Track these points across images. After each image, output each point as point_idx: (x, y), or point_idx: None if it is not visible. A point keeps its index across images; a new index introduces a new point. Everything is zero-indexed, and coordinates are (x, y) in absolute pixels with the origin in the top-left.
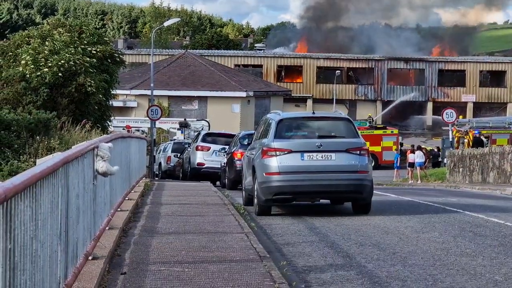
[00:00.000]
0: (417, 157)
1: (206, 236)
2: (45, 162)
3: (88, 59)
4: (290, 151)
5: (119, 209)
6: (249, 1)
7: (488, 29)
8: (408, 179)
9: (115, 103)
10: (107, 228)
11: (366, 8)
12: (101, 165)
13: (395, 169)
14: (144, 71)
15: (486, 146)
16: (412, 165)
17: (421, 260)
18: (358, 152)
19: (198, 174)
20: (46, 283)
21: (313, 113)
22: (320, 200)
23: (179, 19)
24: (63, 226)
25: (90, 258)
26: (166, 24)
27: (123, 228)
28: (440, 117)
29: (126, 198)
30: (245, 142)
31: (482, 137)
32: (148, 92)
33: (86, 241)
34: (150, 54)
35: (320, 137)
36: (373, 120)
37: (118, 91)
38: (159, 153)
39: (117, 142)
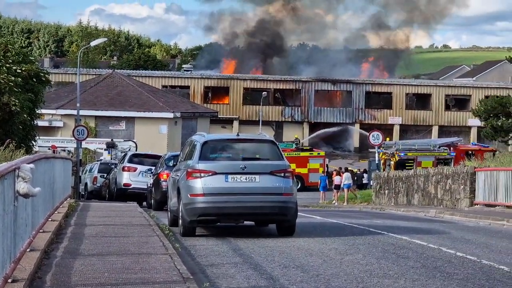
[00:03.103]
0: (345, 179)
1: (130, 257)
2: None
3: (13, 78)
4: (215, 173)
5: (41, 231)
6: (177, 21)
7: (414, 53)
8: (334, 201)
9: (41, 123)
10: (28, 250)
11: (295, 29)
12: (22, 187)
13: (321, 191)
14: (70, 91)
15: (408, 168)
16: (338, 187)
17: (344, 282)
18: (282, 174)
19: (124, 194)
20: None
21: (238, 135)
22: (245, 222)
23: (106, 39)
24: None
25: (9, 281)
26: (93, 43)
27: (45, 250)
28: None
29: (49, 219)
30: (171, 163)
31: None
32: (75, 112)
33: (6, 263)
34: (76, 74)
35: (244, 159)
36: (299, 142)
37: (44, 111)
38: (85, 173)
39: (40, 163)
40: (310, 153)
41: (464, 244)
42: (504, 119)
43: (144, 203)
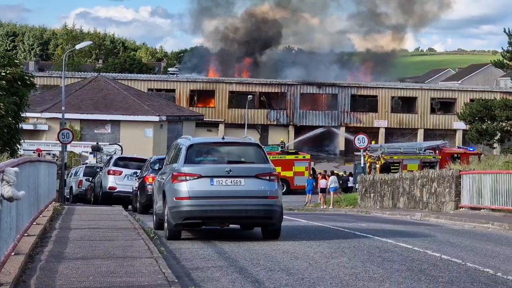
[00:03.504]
0: (331, 182)
1: (115, 261)
2: None
3: None
4: (200, 176)
5: (26, 234)
6: (163, 25)
7: (399, 56)
8: (319, 204)
9: (25, 126)
10: (12, 253)
11: (281, 32)
12: (6, 190)
13: (308, 194)
14: (55, 94)
15: (394, 171)
16: (323, 190)
17: (329, 286)
18: (267, 177)
19: (110, 198)
20: None
21: (223, 138)
22: (230, 225)
23: (91, 42)
24: None
25: None
26: (78, 46)
27: (29, 253)
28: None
29: (34, 223)
30: (156, 167)
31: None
32: (60, 115)
33: None
34: (61, 77)
35: (229, 162)
36: (285, 145)
37: (29, 114)
38: (70, 177)
39: (24, 167)
40: (295, 156)
41: (449, 247)
42: (489, 122)
43: (130, 207)
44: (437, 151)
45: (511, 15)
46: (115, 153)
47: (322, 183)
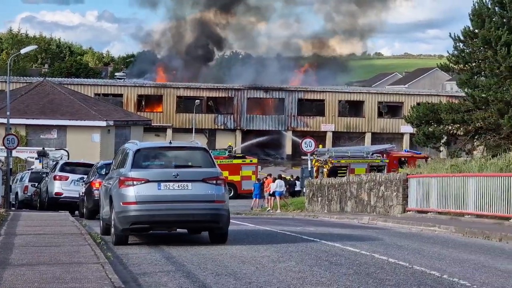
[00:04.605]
0: (277, 187)
1: (61, 267)
2: None
3: None
4: (147, 181)
5: None
6: (110, 29)
7: (346, 60)
8: (267, 208)
9: None
10: None
11: (228, 37)
12: None
13: (254, 199)
14: (0, 99)
15: (341, 175)
16: (272, 194)
17: None
18: (214, 182)
19: (56, 204)
20: None
21: (170, 143)
22: (178, 229)
23: (36, 46)
24: None
25: None
26: (23, 51)
27: None
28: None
29: None
30: (103, 172)
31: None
32: (5, 121)
33: None
34: (6, 82)
35: (177, 166)
36: (232, 150)
37: None
38: (16, 182)
39: None
40: (242, 161)
41: (397, 250)
42: (435, 125)
43: (76, 212)
44: (384, 155)
45: (456, 19)
46: (61, 158)
47: (271, 186)
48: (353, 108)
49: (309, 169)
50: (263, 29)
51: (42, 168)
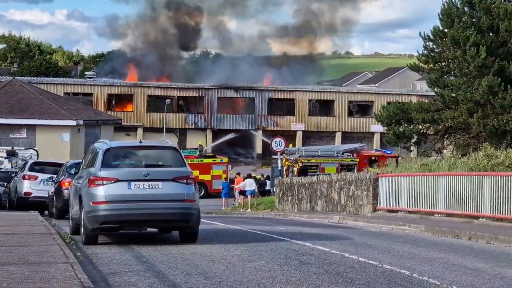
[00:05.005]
0: (248, 185)
1: (29, 267)
2: None
3: None
4: (117, 180)
5: None
6: (79, 28)
7: (317, 59)
8: (237, 208)
9: None
10: None
11: (198, 37)
12: None
13: (223, 198)
14: None
15: (311, 174)
16: (243, 193)
17: None
18: (185, 181)
19: (25, 203)
20: None
21: (140, 142)
22: (148, 229)
23: (5, 45)
24: None
25: None
26: None
27: None
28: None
29: None
30: (73, 171)
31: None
32: None
33: None
34: None
35: (147, 166)
36: (203, 149)
37: None
38: None
39: None
40: (213, 160)
41: (367, 249)
42: (405, 125)
43: (46, 212)
44: (355, 154)
45: (426, 19)
46: (30, 157)
47: (241, 185)
48: (324, 107)
49: (279, 168)
50: (234, 28)
51: (11, 167)
